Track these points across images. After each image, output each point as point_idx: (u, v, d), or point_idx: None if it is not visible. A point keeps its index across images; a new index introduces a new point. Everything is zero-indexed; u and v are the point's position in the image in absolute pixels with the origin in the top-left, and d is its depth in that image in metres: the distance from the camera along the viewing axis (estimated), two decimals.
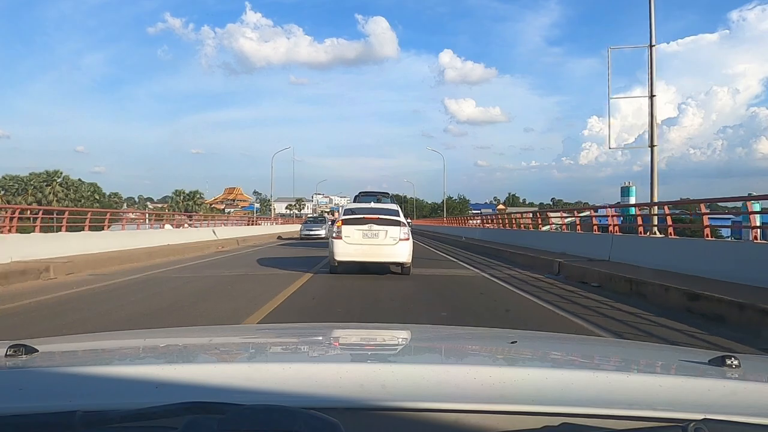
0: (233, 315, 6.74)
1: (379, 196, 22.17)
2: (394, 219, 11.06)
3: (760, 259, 7.82)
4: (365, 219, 10.99)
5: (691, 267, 8.90)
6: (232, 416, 0.70)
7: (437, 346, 1.69)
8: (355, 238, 10.81)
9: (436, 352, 1.63)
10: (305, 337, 1.75)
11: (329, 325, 3.41)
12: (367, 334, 1.94)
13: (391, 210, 11.71)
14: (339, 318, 6.45)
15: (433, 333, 2.10)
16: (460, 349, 1.62)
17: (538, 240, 17.85)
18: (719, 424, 0.75)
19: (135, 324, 6.06)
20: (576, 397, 0.88)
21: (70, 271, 11.11)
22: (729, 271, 8.00)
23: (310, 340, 1.66)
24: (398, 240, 10.81)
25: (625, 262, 11.09)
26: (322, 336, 1.76)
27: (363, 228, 10.86)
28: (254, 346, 1.58)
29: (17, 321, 6.51)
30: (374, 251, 10.80)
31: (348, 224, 10.95)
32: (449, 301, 8.21)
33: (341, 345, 1.63)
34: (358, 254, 10.84)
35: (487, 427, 0.81)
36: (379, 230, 10.82)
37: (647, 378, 1.08)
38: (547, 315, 7.03)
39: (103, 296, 8.50)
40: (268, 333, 2.11)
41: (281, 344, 1.63)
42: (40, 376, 0.97)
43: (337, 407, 0.81)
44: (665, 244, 10.88)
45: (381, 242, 10.78)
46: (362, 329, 2.24)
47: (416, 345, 1.68)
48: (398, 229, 10.89)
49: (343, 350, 1.57)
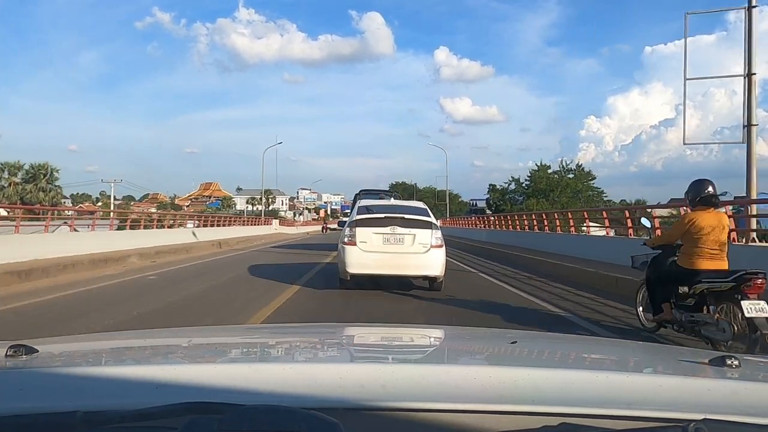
0: None
1: (382, 194, 20.30)
2: (424, 220, 8.68)
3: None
4: (387, 219, 8.56)
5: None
6: (232, 416, 0.70)
7: (437, 346, 1.69)
8: (373, 243, 8.34)
9: (436, 352, 1.63)
10: (305, 337, 1.75)
11: (329, 325, 3.41)
12: (368, 334, 1.94)
13: (419, 209, 9.26)
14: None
15: (433, 333, 2.10)
16: (460, 349, 1.63)
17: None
18: (719, 424, 0.75)
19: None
20: (576, 397, 0.88)
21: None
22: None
23: (310, 341, 1.66)
24: (429, 247, 8.36)
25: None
26: (323, 336, 1.76)
27: (384, 231, 8.39)
28: (254, 346, 1.58)
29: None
30: (398, 261, 8.33)
31: (364, 226, 8.50)
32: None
33: (341, 345, 1.63)
34: (378, 265, 8.32)
35: (486, 427, 0.81)
36: (405, 234, 8.39)
37: (647, 378, 1.08)
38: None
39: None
40: (268, 333, 2.12)
41: (281, 344, 1.63)
42: (41, 376, 0.96)
43: (338, 407, 0.81)
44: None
45: (407, 250, 8.35)
46: (363, 330, 2.24)
47: (416, 345, 1.68)
48: (429, 233, 8.47)
49: (343, 350, 1.57)
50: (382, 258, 8.31)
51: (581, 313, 7.15)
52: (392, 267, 8.37)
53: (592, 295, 8.65)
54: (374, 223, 8.58)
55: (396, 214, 8.73)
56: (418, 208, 9.30)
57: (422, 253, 8.37)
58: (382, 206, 9.73)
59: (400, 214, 8.76)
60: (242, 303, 7.78)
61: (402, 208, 9.28)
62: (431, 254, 8.39)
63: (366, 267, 8.34)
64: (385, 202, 11.28)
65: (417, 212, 8.96)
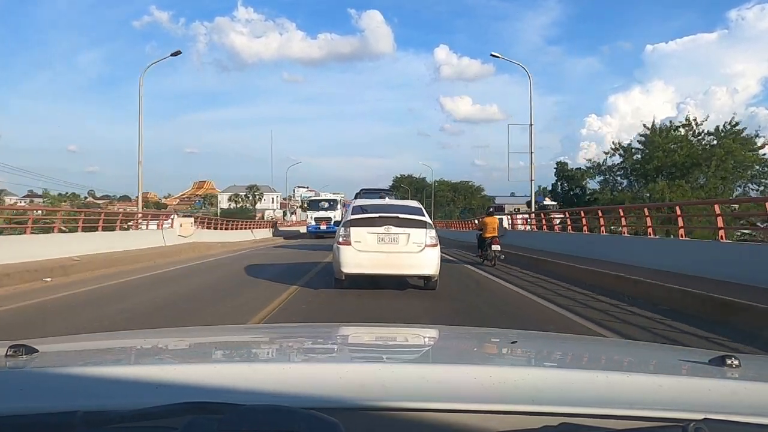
0: None
1: (383, 193, 20.17)
2: (418, 219, 8.74)
3: None
4: (381, 219, 8.60)
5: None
6: (231, 416, 0.70)
7: (437, 346, 1.69)
8: (368, 243, 8.40)
9: (436, 352, 1.63)
10: (305, 337, 1.75)
11: (329, 325, 3.41)
12: (368, 334, 1.94)
13: (413, 208, 9.34)
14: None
15: (433, 333, 2.11)
16: (460, 349, 1.63)
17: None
18: (719, 424, 0.75)
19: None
20: (576, 397, 0.88)
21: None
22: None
23: (310, 341, 1.66)
24: (424, 246, 8.39)
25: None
26: (323, 336, 1.76)
27: (378, 231, 8.43)
28: (254, 346, 1.58)
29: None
30: (393, 261, 8.38)
31: (358, 225, 8.57)
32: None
33: (341, 345, 1.63)
34: (372, 265, 8.37)
35: (487, 427, 0.81)
36: (399, 234, 8.43)
37: (647, 378, 1.08)
38: None
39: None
40: (268, 333, 2.12)
41: (281, 344, 1.63)
42: (41, 376, 0.97)
43: (337, 407, 0.81)
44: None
45: (402, 249, 8.40)
46: (363, 329, 2.24)
47: (416, 345, 1.69)
48: (423, 232, 8.50)
49: (343, 350, 1.57)
50: (377, 257, 8.35)
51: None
52: (387, 266, 8.42)
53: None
54: (369, 222, 8.61)
55: (390, 214, 8.78)
56: (413, 208, 9.35)
57: (416, 253, 8.41)
58: (376, 206, 9.69)
59: (394, 213, 8.80)
60: None
61: (396, 208, 9.34)
62: (425, 253, 8.43)
63: (361, 266, 8.39)
64: (380, 201, 11.16)
65: (411, 212, 9.01)
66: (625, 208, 16.23)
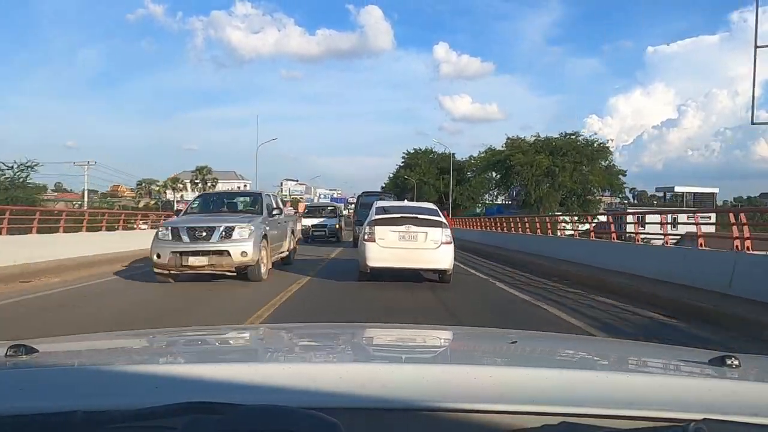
0: None
1: (382, 195, 21.94)
2: (435, 219, 9.97)
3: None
4: (402, 219, 9.80)
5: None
6: (231, 416, 0.70)
7: (437, 346, 1.69)
8: (390, 240, 9.55)
9: (436, 352, 1.63)
10: (305, 337, 1.75)
11: (330, 325, 3.41)
12: (368, 334, 1.94)
13: (430, 209, 10.71)
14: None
15: (433, 333, 2.11)
16: (460, 349, 1.63)
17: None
18: (719, 424, 0.75)
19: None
20: (576, 396, 0.88)
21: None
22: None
23: (310, 340, 1.66)
24: (440, 243, 9.60)
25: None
26: (323, 336, 1.76)
27: (399, 229, 9.61)
28: (254, 346, 1.58)
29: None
30: (412, 256, 9.61)
31: (382, 225, 9.73)
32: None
33: (341, 345, 1.63)
34: (394, 259, 9.57)
35: (487, 427, 0.82)
36: (418, 232, 9.60)
37: (647, 378, 1.08)
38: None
39: None
40: (268, 333, 2.12)
41: (281, 344, 1.63)
42: (40, 376, 0.96)
43: (338, 407, 0.81)
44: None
45: (420, 246, 9.58)
46: (363, 329, 2.24)
47: (416, 345, 1.68)
48: (440, 230, 9.69)
49: (343, 350, 1.57)
50: (398, 253, 9.54)
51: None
52: (407, 261, 9.61)
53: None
54: (391, 222, 9.78)
55: (410, 214, 10.01)
56: (429, 209, 10.72)
57: (433, 249, 9.58)
58: (397, 207, 11.10)
59: (413, 214, 10.06)
60: None
61: (415, 209, 10.72)
62: (441, 250, 9.60)
63: (384, 261, 9.56)
64: (399, 203, 12.49)
65: (428, 212, 10.31)
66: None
